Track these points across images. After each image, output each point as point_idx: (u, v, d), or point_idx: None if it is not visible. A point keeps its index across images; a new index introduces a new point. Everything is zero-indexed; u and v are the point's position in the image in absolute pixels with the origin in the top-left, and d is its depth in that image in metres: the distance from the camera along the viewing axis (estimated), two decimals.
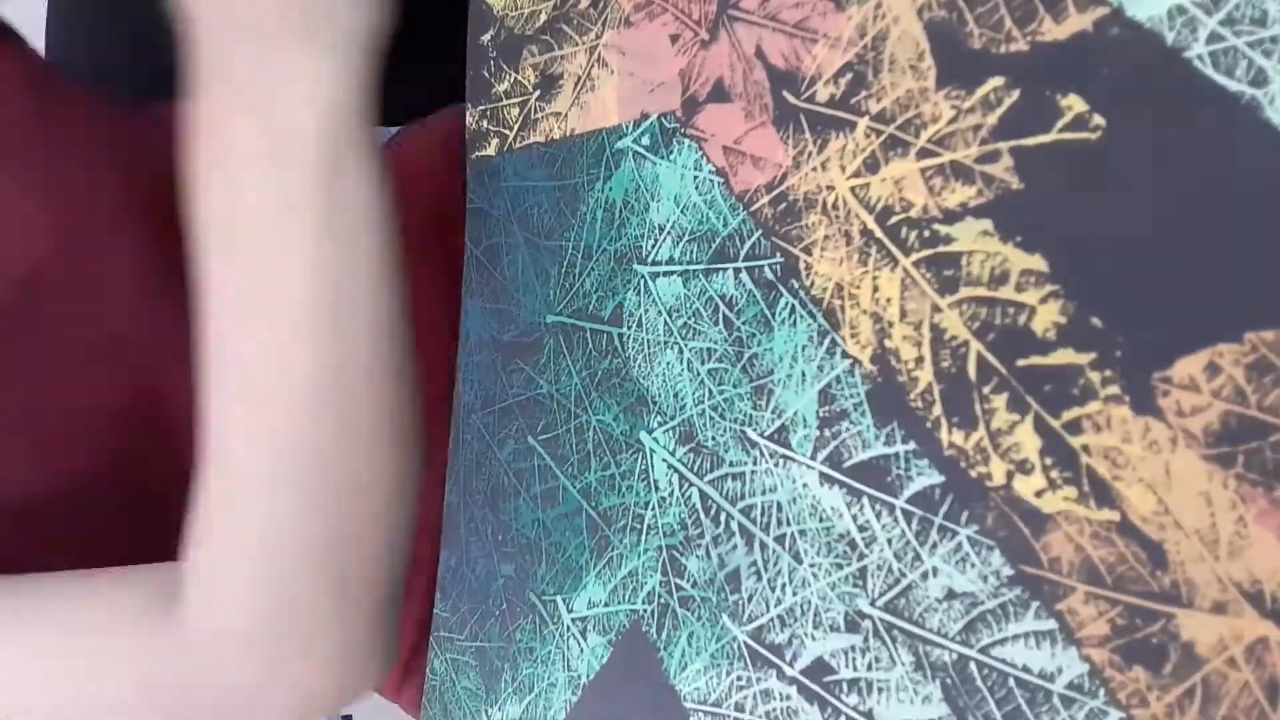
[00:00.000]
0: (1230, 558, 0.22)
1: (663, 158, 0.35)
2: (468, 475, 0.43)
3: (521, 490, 0.40)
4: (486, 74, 0.43)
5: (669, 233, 0.35)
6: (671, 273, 0.35)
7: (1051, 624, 0.24)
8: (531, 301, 0.41)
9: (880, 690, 0.27)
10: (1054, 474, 0.24)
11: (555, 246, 0.40)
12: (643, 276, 0.36)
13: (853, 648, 0.28)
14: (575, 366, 0.38)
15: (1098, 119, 0.24)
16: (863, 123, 0.29)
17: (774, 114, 0.32)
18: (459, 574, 0.43)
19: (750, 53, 0.33)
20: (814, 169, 0.30)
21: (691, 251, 0.34)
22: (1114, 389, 0.23)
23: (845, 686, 0.28)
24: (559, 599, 0.38)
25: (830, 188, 0.30)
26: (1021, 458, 0.25)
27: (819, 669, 0.29)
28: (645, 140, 0.36)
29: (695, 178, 0.34)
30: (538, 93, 0.41)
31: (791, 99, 0.31)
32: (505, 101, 0.42)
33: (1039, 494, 0.25)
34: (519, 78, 0.42)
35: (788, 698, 0.30)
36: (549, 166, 0.40)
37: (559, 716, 0.37)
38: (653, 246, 0.36)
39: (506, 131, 0.42)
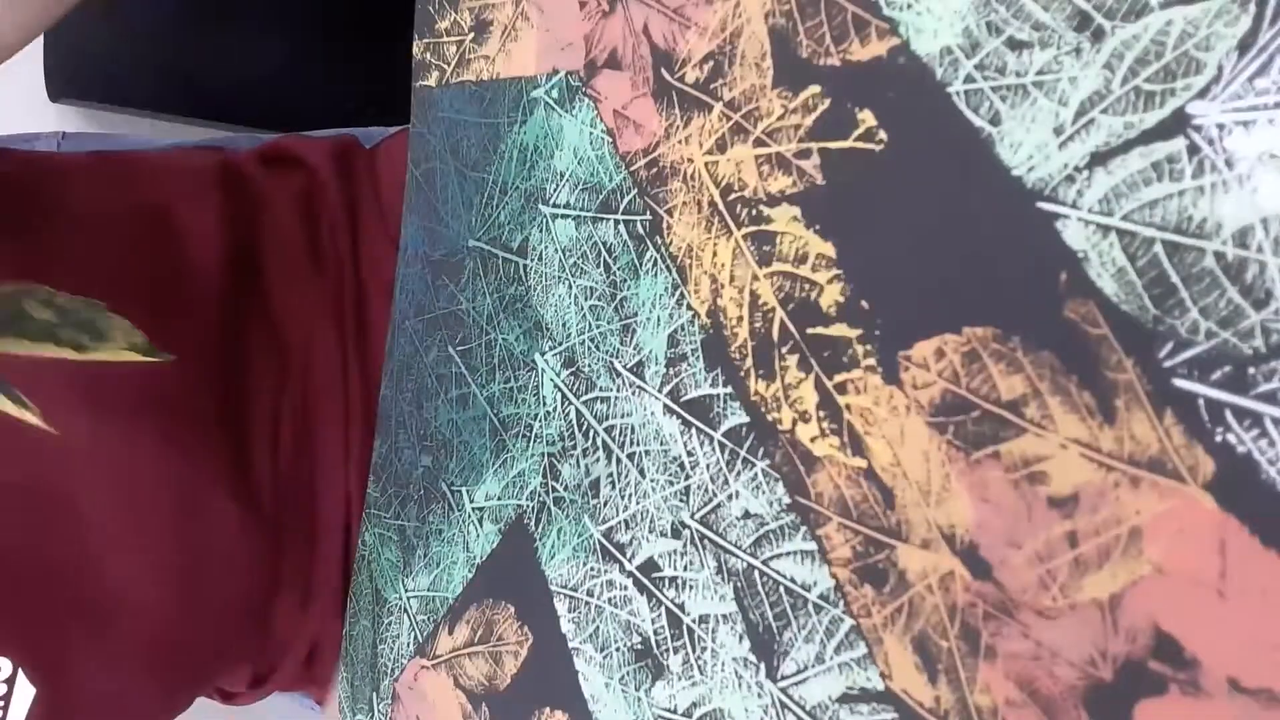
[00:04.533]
0: (937, 505, 0.27)
1: (566, 112, 0.40)
2: (399, 375, 0.49)
3: (441, 393, 0.46)
4: (431, 10, 0.47)
5: (567, 180, 0.40)
6: (567, 216, 0.40)
7: (813, 545, 0.30)
8: (457, 225, 0.46)
9: (691, 587, 0.33)
10: (825, 425, 0.30)
11: (479, 178, 0.45)
12: (545, 216, 0.41)
13: (675, 551, 0.34)
14: (488, 289, 0.44)
15: (882, 134, 0.29)
16: (718, 107, 0.34)
17: (653, 87, 0.36)
18: (388, 461, 0.49)
19: (640, 29, 0.37)
20: (679, 141, 0.35)
21: (584, 200, 0.39)
22: (871, 360, 0.29)
23: (667, 582, 0.34)
24: (464, 490, 0.44)
25: (690, 160, 0.35)
26: (804, 409, 0.30)
27: (649, 566, 0.35)
28: (554, 93, 0.41)
29: (590, 134, 0.39)
30: (471, 35, 0.45)
31: (667, 76, 0.36)
32: (445, 39, 0.47)
33: (813, 440, 0.30)
34: (457, 18, 0.46)
35: (625, 588, 0.36)
36: (478, 104, 0.45)
37: (458, 589, 0.44)
38: (554, 190, 0.40)
39: (445, 66, 0.47)
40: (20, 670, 0.41)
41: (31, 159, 0.49)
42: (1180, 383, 0.23)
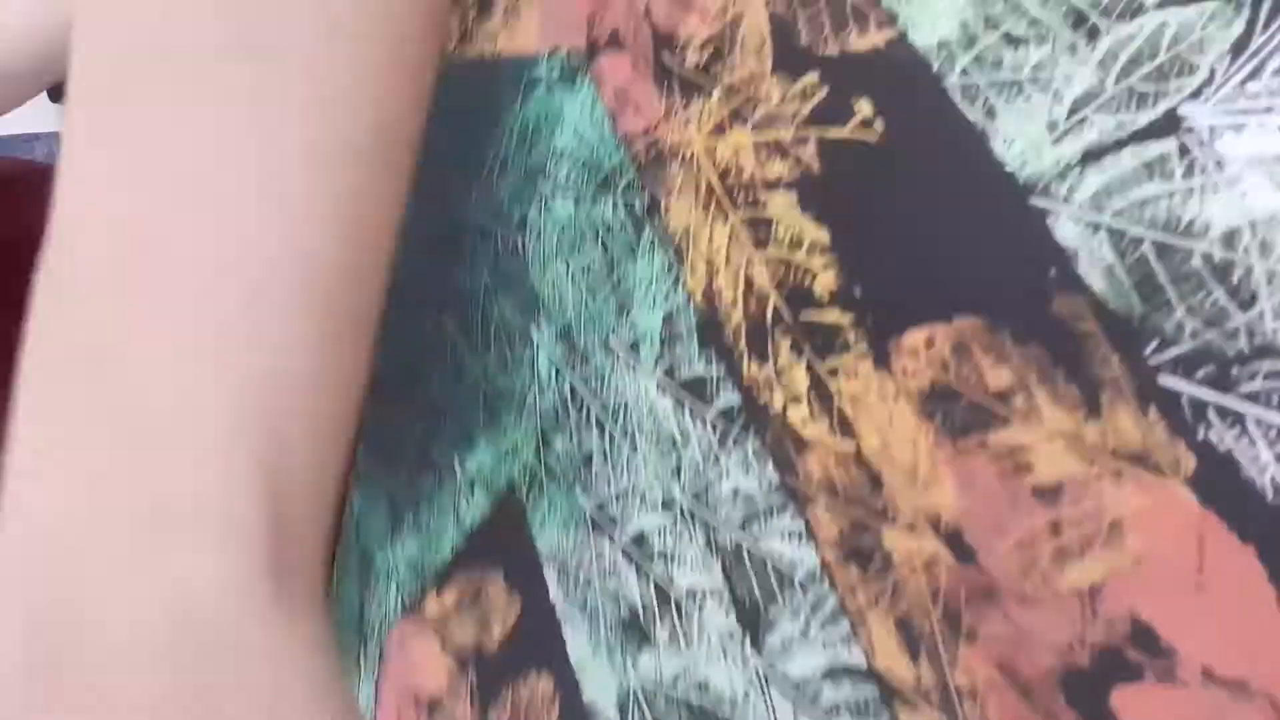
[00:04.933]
0: (923, 491, 0.28)
1: (568, 90, 0.40)
2: (395, 344, 0.49)
3: (436, 362, 0.46)
4: None
5: (567, 158, 0.40)
6: (566, 194, 0.40)
7: (800, 525, 0.30)
8: (458, 199, 0.46)
9: (679, 561, 0.34)
10: (815, 408, 0.30)
11: (479, 155, 0.45)
12: (544, 194, 0.41)
13: (664, 526, 0.35)
14: (486, 264, 0.44)
15: (879, 124, 0.29)
16: (717, 91, 0.34)
17: (653, 70, 0.36)
18: (380, 426, 0.49)
19: (641, 11, 0.37)
20: (679, 124, 0.35)
21: (583, 178, 0.39)
22: (863, 347, 0.29)
23: (655, 556, 0.35)
24: (456, 459, 0.44)
25: (689, 143, 0.35)
26: (795, 393, 0.31)
27: (639, 540, 0.35)
28: (556, 72, 0.41)
29: (591, 113, 0.39)
30: (474, 11, 0.45)
31: (667, 59, 0.36)
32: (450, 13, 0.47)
33: (803, 422, 0.31)
34: None
35: (614, 560, 0.36)
36: (481, 80, 0.45)
37: (447, 557, 0.44)
38: (554, 168, 0.41)
39: (450, 41, 0.47)
40: None
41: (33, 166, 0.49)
42: (1165, 380, 0.23)
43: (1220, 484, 0.22)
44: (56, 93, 1.04)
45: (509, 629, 0.41)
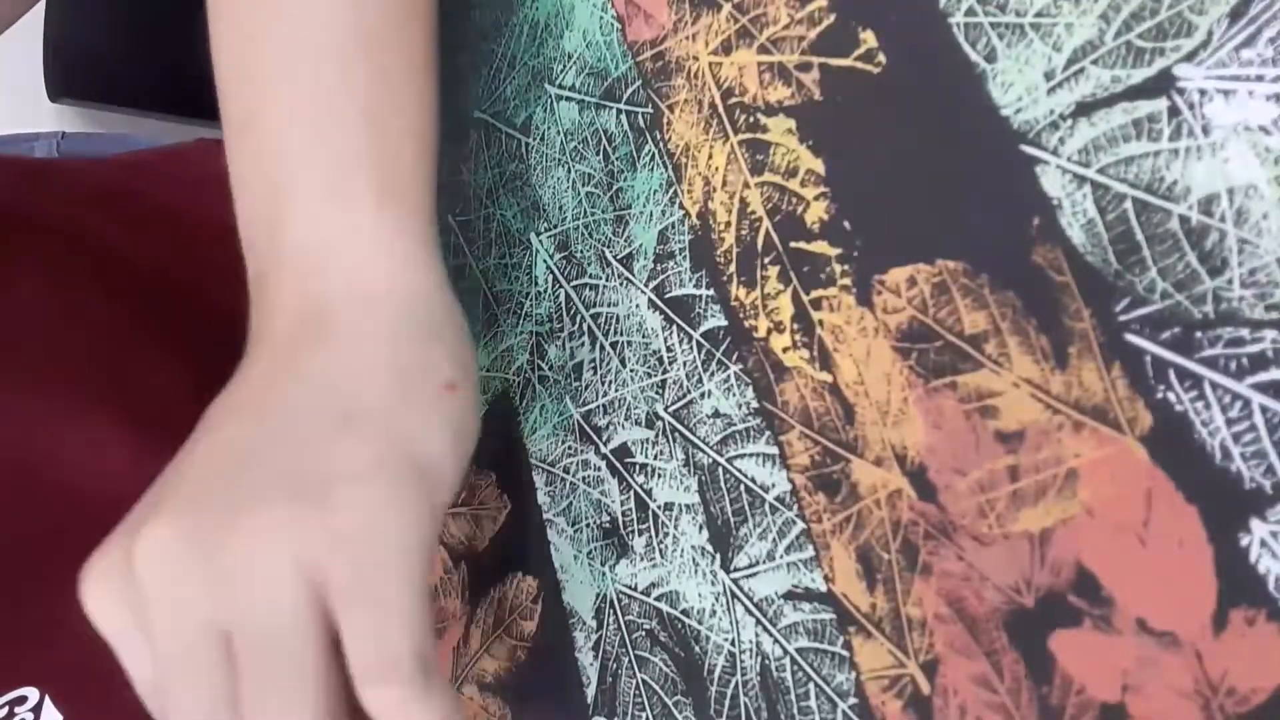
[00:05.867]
0: (893, 426, 0.28)
1: None
2: None
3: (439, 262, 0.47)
4: None
5: (575, 62, 0.40)
6: (572, 99, 0.40)
7: (774, 450, 0.31)
8: (466, 94, 0.46)
9: (659, 476, 0.35)
10: (797, 337, 0.31)
11: (489, 50, 0.45)
12: (550, 96, 0.41)
13: (647, 440, 0.35)
14: (490, 163, 0.44)
15: (881, 56, 0.29)
16: (727, 8, 0.34)
17: None
18: None
19: None
20: (686, 38, 0.35)
21: (589, 84, 0.39)
22: (847, 281, 0.29)
23: (637, 468, 0.36)
24: None
25: (695, 58, 0.35)
26: (779, 319, 0.31)
27: (622, 451, 0.36)
28: None
29: (601, 19, 0.39)
30: None
31: None
32: None
33: (785, 350, 0.31)
34: None
35: (599, 469, 0.37)
36: None
37: None
38: (561, 71, 0.40)
39: None
40: (47, 698, 0.41)
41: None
42: (1131, 338, 0.23)
43: (1173, 444, 0.23)
44: (56, 92, 1.03)
45: (499, 529, 0.43)
